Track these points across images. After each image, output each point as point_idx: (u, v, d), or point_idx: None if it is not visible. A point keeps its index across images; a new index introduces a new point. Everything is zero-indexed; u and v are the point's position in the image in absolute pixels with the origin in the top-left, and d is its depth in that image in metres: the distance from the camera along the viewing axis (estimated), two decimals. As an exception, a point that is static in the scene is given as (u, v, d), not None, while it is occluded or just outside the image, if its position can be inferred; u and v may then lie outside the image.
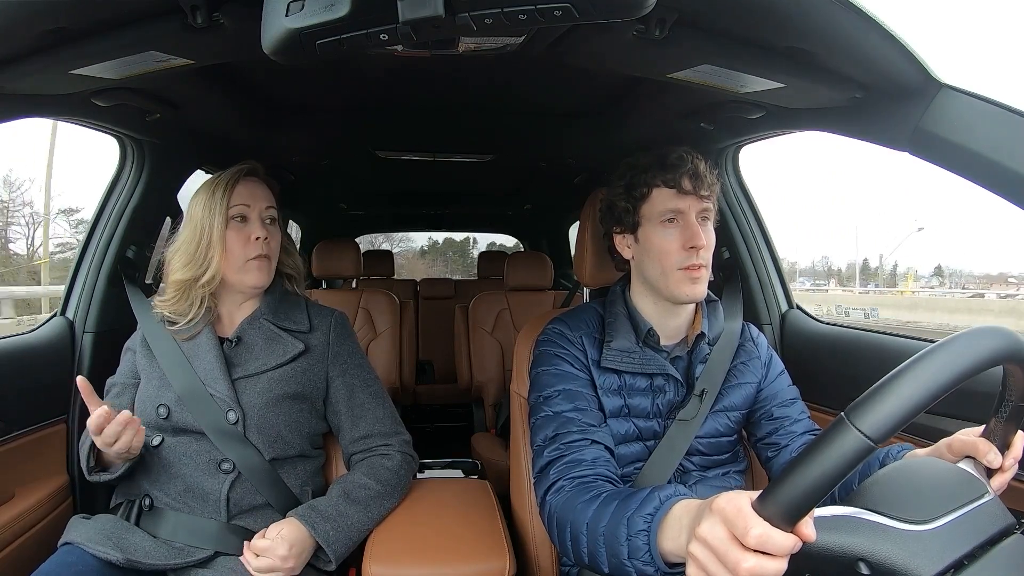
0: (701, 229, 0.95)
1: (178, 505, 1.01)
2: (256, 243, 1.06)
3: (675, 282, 0.95)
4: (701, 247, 0.94)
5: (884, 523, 0.53)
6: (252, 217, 1.07)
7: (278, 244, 1.12)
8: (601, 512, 0.77)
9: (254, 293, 1.12)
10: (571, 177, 2.24)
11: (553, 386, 0.97)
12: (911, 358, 0.49)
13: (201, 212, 1.05)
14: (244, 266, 1.06)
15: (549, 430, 0.93)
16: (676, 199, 0.96)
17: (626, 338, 1.00)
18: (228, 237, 1.05)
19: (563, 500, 0.85)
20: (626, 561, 0.69)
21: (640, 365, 0.98)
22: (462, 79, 1.38)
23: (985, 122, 0.80)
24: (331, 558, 0.97)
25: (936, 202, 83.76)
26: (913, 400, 0.47)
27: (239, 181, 1.08)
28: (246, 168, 1.10)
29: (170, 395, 1.03)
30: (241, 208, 1.07)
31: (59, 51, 0.84)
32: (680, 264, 0.95)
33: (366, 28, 0.61)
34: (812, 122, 1.11)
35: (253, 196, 1.08)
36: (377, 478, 1.07)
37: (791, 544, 0.49)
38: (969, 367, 0.49)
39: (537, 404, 0.98)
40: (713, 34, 0.85)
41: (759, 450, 1.06)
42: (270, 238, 1.09)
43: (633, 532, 0.69)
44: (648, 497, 0.71)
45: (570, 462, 0.89)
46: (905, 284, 33.03)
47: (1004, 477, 0.67)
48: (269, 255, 1.09)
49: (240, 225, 1.07)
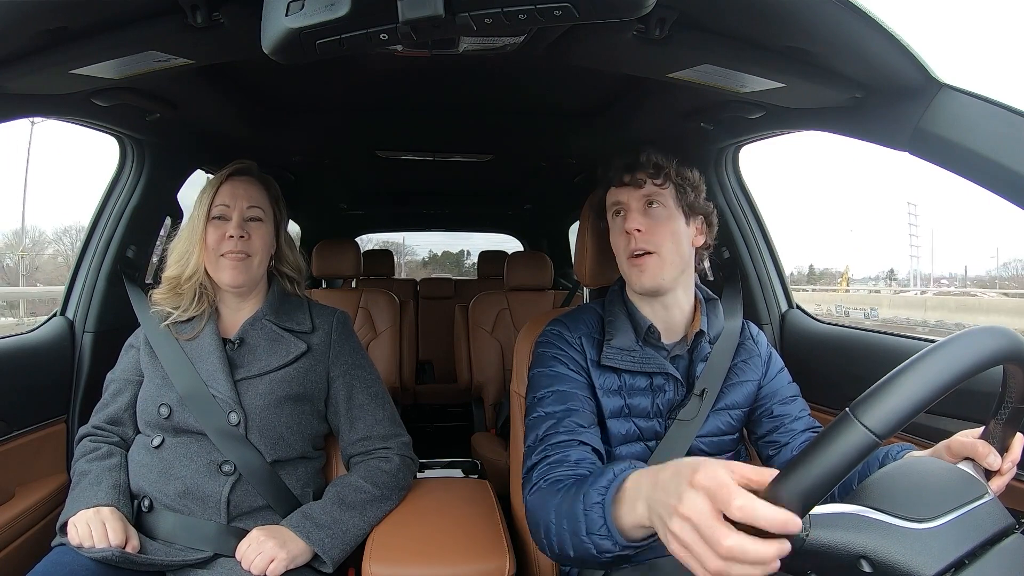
0: (644, 215, 0.98)
1: (177, 507, 1.00)
2: (229, 240, 1.07)
3: (627, 272, 1.00)
4: (630, 230, 0.97)
5: (886, 521, 0.53)
6: (232, 216, 1.08)
7: (263, 243, 1.11)
8: (565, 497, 0.76)
9: (234, 291, 1.11)
10: (571, 177, 2.24)
11: (547, 387, 0.97)
12: (914, 356, 0.49)
13: (193, 211, 1.09)
14: (217, 262, 1.07)
15: (539, 430, 0.93)
16: (616, 192, 1.01)
17: (626, 336, 1.00)
18: (207, 234, 1.07)
19: (538, 497, 0.84)
20: (585, 538, 0.68)
21: (640, 363, 0.98)
22: (462, 79, 1.38)
23: (985, 122, 0.80)
24: (328, 564, 0.97)
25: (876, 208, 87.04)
26: (917, 396, 0.47)
27: (225, 181, 1.10)
28: (236, 168, 1.11)
29: (172, 395, 1.03)
30: (221, 208, 1.08)
31: (59, 51, 0.84)
32: (627, 253, 0.98)
33: (366, 28, 0.61)
34: (812, 122, 1.11)
35: (235, 196, 1.09)
36: (374, 481, 1.07)
37: (778, 519, 0.46)
38: (972, 365, 0.49)
39: (531, 405, 0.98)
40: (713, 34, 0.85)
41: (760, 448, 1.06)
42: (252, 236, 1.08)
43: (588, 505, 0.69)
44: (603, 472, 0.71)
45: (553, 463, 0.89)
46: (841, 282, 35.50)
47: (1002, 480, 0.67)
48: (249, 253, 1.08)
49: (219, 223, 1.08)
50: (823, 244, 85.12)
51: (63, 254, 22.09)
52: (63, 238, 24.74)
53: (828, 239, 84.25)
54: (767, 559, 0.47)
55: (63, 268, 14.48)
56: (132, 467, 1.04)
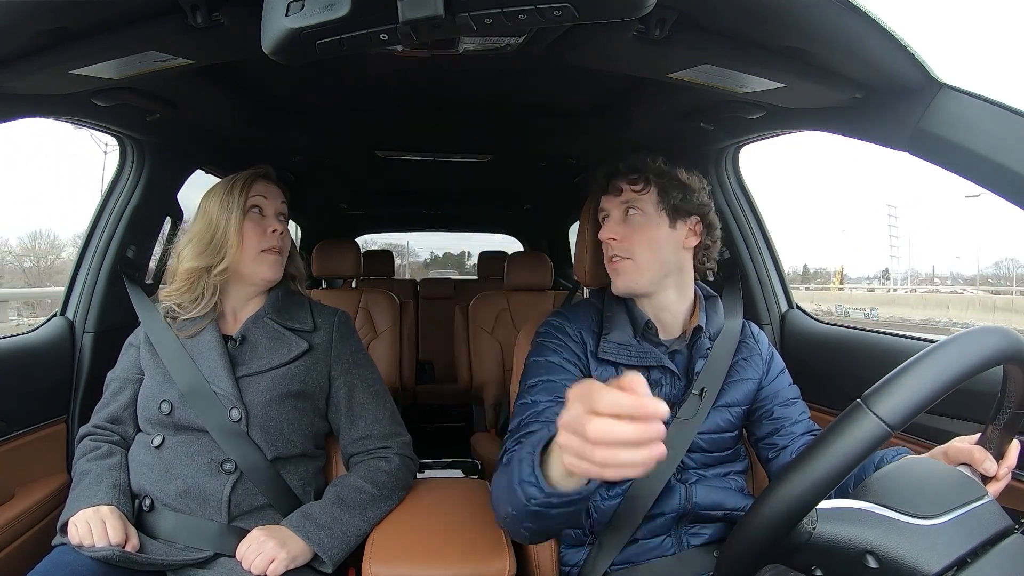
0: (621, 223, 1.01)
1: (178, 506, 1.00)
2: (272, 235, 1.10)
3: (610, 274, 1.03)
4: (604, 239, 1.01)
5: (892, 516, 0.53)
6: (268, 211, 1.12)
7: (289, 243, 1.16)
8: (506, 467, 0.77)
9: (264, 287, 1.13)
10: (571, 177, 2.23)
11: (538, 376, 0.98)
12: (922, 351, 0.50)
13: (218, 206, 1.09)
14: (258, 257, 1.09)
15: (521, 418, 0.94)
16: (602, 199, 1.05)
17: (623, 331, 1.00)
18: (245, 228, 1.08)
19: (497, 474, 0.85)
20: (517, 487, 0.68)
21: (637, 358, 0.98)
22: (462, 79, 1.38)
23: (985, 122, 0.80)
24: (328, 564, 0.97)
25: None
26: (929, 388, 0.48)
27: (256, 180, 1.12)
28: (261, 171, 1.15)
29: (173, 392, 1.04)
30: (259, 200, 1.11)
31: (59, 51, 0.84)
32: (607, 258, 1.03)
33: (366, 28, 0.61)
34: (812, 122, 1.11)
35: (269, 192, 1.13)
36: (373, 481, 1.07)
37: (638, 402, 0.47)
38: (981, 361, 0.49)
39: (521, 390, 0.99)
40: (713, 34, 0.85)
41: (759, 450, 1.06)
42: (284, 234, 1.13)
43: (522, 457, 0.69)
44: (540, 435, 0.71)
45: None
46: (834, 281, 35.89)
47: (998, 486, 0.67)
48: (282, 250, 1.13)
49: (258, 217, 1.11)
50: (817, 244, 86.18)
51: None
52: (78, 241, 25.55)
53: (821, 239, 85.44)
54: (640, 437, 0.48)
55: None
56: (133, 466, 1.04)
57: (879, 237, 51.38)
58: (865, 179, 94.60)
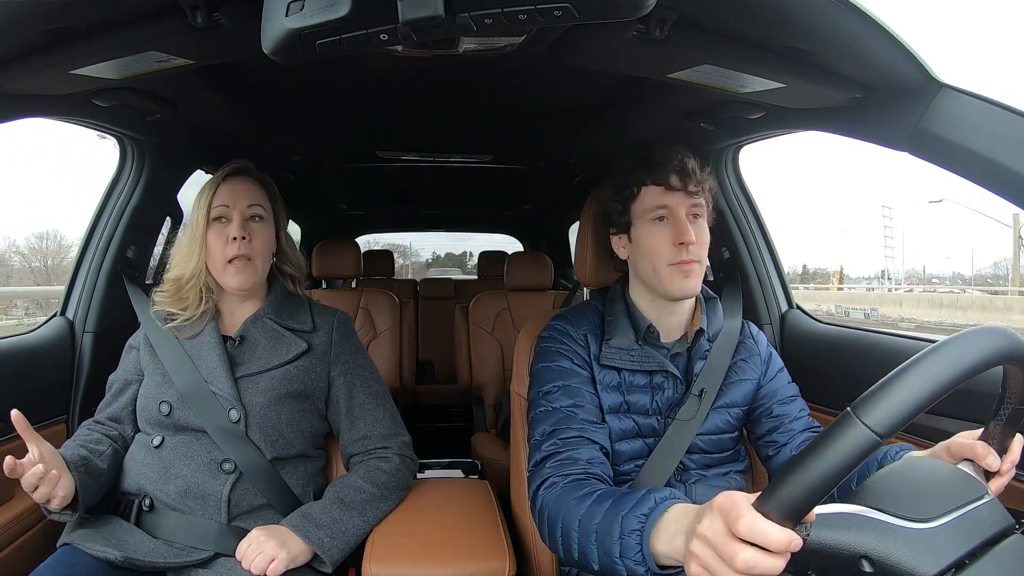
0: (692, 225, 0.95)
1: (178, 506, 1.00)
2: (233, 243, 1.06)
3: (667, 277, 0.95)
4: (690, 243, 0.94)
5: (887, 521, 0.53)
6: (233, 217, 1.07)
7: (264, 243, 1.10)
8: (594, 510, 0.77)
9: (242, 294, 1.11)
10: (571, 177, 2.24)
11: (553, 381, 0.97)
12: (915, 355, 0.49)
13: (194, 212, 1.08)
14: (224, 268, 1.07)
15: (547, 425, 0.94)
16: (664, 196, 0.96)
17: (625, 336, 1.00)
18: (209, 237, 1.07)
19: (555, 495, 0.85)
20: (617, 560, 0.69)
21: (639, 362, 0.98)
22: (462, 79, 1.38)
23: (985, 122, 0.80)
24: (327, 564, 0.97)
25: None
26: (919, 396, 0.47)
27: (223, 181, 1.09)
28: (232, 168, 1.11)
29: (172, 392, 1.04)
30: (221, 209, 1.07)
31: (59, 51, 0.84)
32: (671, 260, 0.95)
33: (366, 28, 0.61)
34: (812, 122, 1.11)
35: (235, 195, 1.08)
36: (373, 481, 1.07)
37: (784, 538, 0.48)
38: (973, 365, 0.49)
39: (536, 399, 0.98)
40: (713, 34, 0.85)
41: (759, 448, 1.06)
42: (252, 237, 1.08)
43: (627, 531, 0.69)
44: (644, 498, 0.71)
45: (566, 459, 0.89)
46: (833, 281, 36.35)
47: (1001, 481, 0.66)
48: (250, 255, 1.07)
49: (220, 225, 1.07)
50: (816, 245, 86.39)
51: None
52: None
53: (820, 239, 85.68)
54: (777, 571, 0.50)
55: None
56: (132, 466, 1.04)
57: (876, 238, 51.64)
58: (864, 179, 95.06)
